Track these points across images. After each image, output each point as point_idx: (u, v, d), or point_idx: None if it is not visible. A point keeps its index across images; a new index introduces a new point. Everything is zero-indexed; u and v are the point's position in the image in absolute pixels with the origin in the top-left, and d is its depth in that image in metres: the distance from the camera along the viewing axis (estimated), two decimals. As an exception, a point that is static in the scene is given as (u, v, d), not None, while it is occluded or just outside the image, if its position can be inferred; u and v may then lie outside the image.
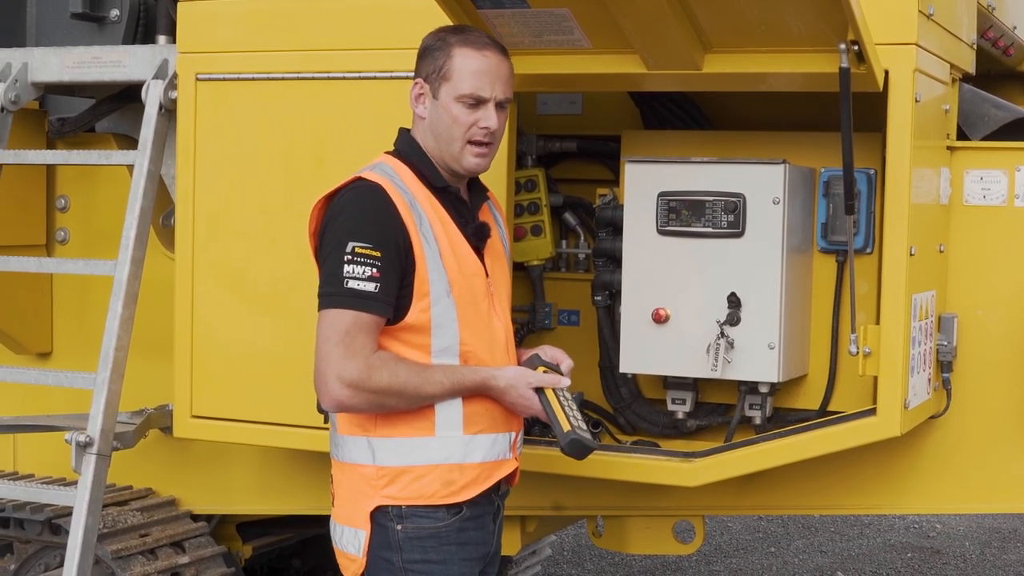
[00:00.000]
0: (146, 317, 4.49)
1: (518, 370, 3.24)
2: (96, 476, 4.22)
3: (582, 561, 7.86)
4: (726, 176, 3.79)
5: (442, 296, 3.16)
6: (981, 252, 3.99)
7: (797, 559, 8.03)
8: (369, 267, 3.07)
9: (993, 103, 4.30)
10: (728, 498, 4.22)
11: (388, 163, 3.26)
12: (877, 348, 3.63)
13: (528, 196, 4.24)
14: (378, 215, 3.12)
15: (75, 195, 5.00)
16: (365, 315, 3.08)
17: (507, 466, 3.31)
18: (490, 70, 3.22)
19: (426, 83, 3.24)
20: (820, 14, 3.19)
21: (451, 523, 3.18)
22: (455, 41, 3.22)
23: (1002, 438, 3.99)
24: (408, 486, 3.16)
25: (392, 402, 3.11)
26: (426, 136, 3.27)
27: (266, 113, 4.22)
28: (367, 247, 3.08)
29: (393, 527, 3.16)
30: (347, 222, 3.12)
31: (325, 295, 3.12)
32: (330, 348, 3.08)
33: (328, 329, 3.09)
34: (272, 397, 4.23)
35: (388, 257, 3.09)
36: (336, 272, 3.09)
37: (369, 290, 3.07)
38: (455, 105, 3.21)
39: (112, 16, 4.81)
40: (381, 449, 3.17)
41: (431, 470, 3.16)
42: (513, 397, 3.21)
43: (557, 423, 3.17)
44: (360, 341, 3.08)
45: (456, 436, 3.19)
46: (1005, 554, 8.22)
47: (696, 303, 3.81)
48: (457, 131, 3.22)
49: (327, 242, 3.14)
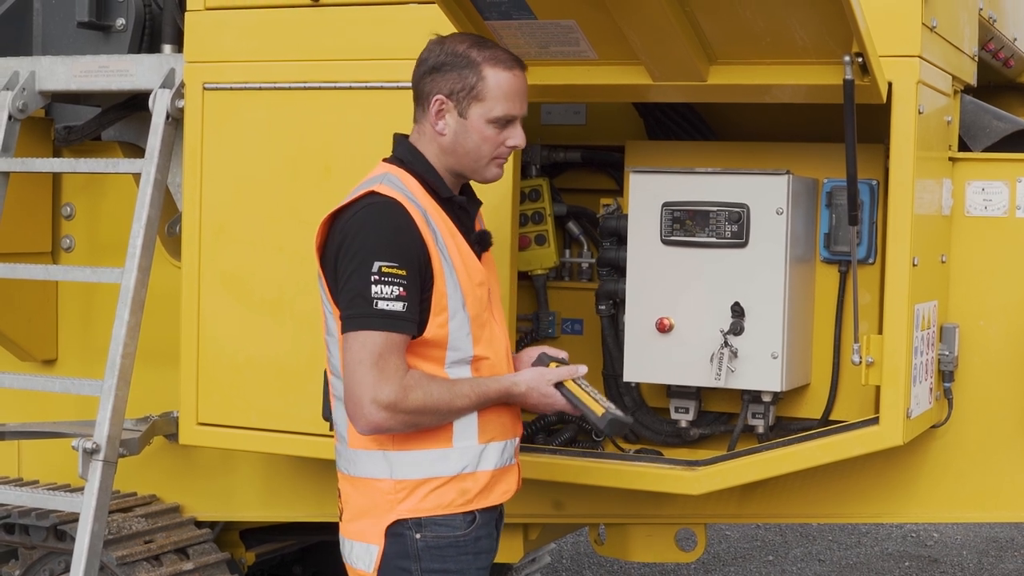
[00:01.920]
0: (152, 325, 4.50)
1: (534, 371, 3.25)
2: (102, 482, 4.24)
3: (581, 569, 7.87)
4: (730, 186, 3.81)
5: (458, 310, 3.15)
6: (983, 263, 4.02)
7: (795, 568, 8.04)
8: (396, 286, 3.04)
9: (994, 115, 4.33)
10: (731, 506, 4.24)
11: (394, 174, 3.21)
12: (879, 358, 3.65)
13: (532, 206, 4.26)
14: (399, 232, 3.08)
15: (81, 203, 5.02)
16: (396, 335, 3.05)
17: (513, 471, 3.32)
18: (521, 89, 3.22)
19: (450, 100, 3.18)
20: (825, 26, 3.22)
21: (468, 532, 3.18)
22: (483, 60, 3.17)
23: (1003, 447, 4.01)
24: (427, 497, 3.14)
25: (427, 420, 3.10)
26: (439, 150, 3.22)
27: (273, 122, 4.24)
28: (393, 266, 3.04)
29: (411, 535, 3.14)
30: (369, 240, 3.07)
31: (355, 317, 3.06)
32: (364, 372, 3.04)
33: (360, 352, 3.04)
34: (277, 405, 4.25)
35: (412, 274, 3.06)
36: (364, 293, 3.04)
37: (398, 310, 3.04)
38: (487, 127, 3.18)
39: (118, 25, 4.82)
40: (399, 463, 3.14)
41: (448, 480, 3.16)
42: (535, 398, 3.22)
43: (588, 409, 3.20)
44: (393, 363, 3.04)
45: (472, 445, 3.18)
46: (1002, 563, 8.23)
47: (700, 312, 3.83)
48: (487, 150, 3.21)
49: (348, 260, 3.08)
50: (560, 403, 3.23)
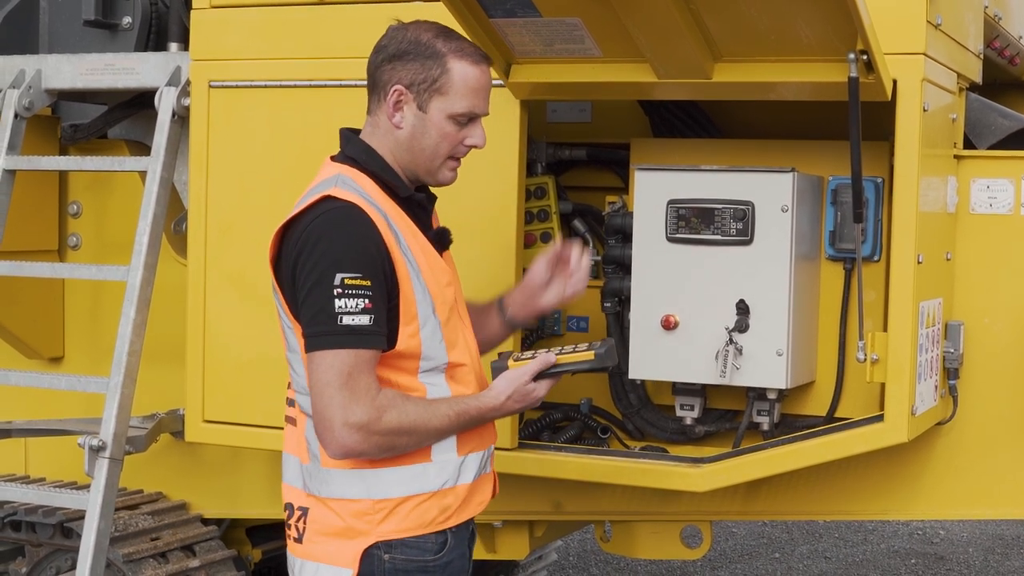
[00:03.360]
0: (158, 322, 4.52)
1: (502, 378, 3.06)
2: (109, 480, 4.25)
3: (587, 566, 7.88)
4: (735, 184, 3.81)
5: (429, 317, 2.98)
6: (987, 260, 4.02)
7: (801, 565, 8.05)
8: (361, 299, 2.83)
9: (999, 112, 4.33)
10: (736, 503, 4.25)
11: (347, 174, 3.00)
12: (884, 355, 3.65)
13: (538, 203, 4.27)
14: (361, 240, 2.87)
15: (87, 201, 5.03)
16: (364, 352, 2.85)
17: (489, 480, 3.20)
18: (485, 85, 3.05)
19: (409, 91, 3.00)
20: (830, 24, 3.22)
21: (439, 557, 3.01)
22: (448, 51, 3.00)
23: (1008, 444, 4.01)
24: (408, 516, 2.97)
25: (403, 442, 2.91)
26: (395, 145, 3.04)
27: (279, 120, 4.25)
28: (356, 277, 2.84)
29: (380, 556, 2.96)
30: (329, 250, 2.86)
31: (319, 335, 2.86)
32: (332, 393, 2.84)
33: (327, 373, 2.84)
34: (283, 402, 4.24)
35: (377, 284, 2.86)
36: (326, 308, 2.84)
37: (365, 324, 2.84)
38: (447, 122, 3.01)
39: (124, 23, 4.83)
40: (376, 481, 2.96)
41: (430, 496, 2.99)
42: (516, 400, 3.04)
43: (581, 364, 3.09)
44: (364, 382, 2.85)
45: (451, 459, 3.03)
46: (1008, 560, 8.23)
47: (705, 310, 3.83)
48: (444, 147, 3.03)
49: (307, 274, 2.87)
50: (543, 392, 3.07)
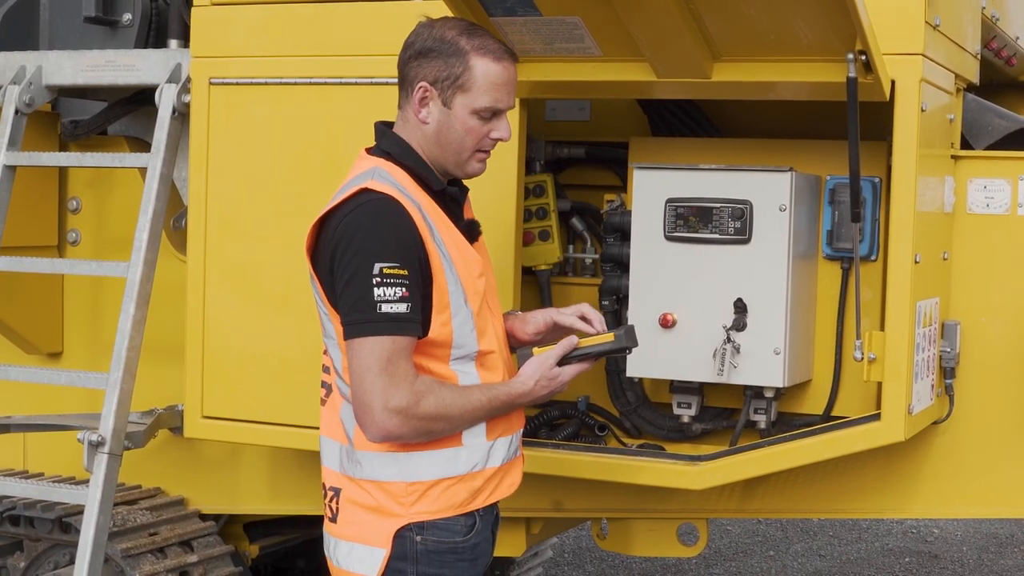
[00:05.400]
0: (157, 318, 4.52)
1: (529, 364, 3.17)
2: (108, 475, 4.26)
3: (583, 563, 7.89)
4: (733, 183, 3.83)
5: (461, 307, 3.08)
6: (984, 260, 4.03)
7: (796, 563, 8.06)
8: (399, 287, 2.95)
9: (997, 113, 4.34)
10: (732, 501, 4.26)
11: (383, 167, 3.11)
12: (881, 354, 3.66)
13: (536, 201, 4.28)
14: (398, 230, 2.98)
15: (87, 197, 5.04)
16: (402, 338, 2.96)
17: (518, 463, 3.30)
18: (508, 80, 3.12)
19: (434, 88, 3.09)
20: (829, 24, 3.23)
21: (468, 539, 3.13)
22: (471, 48, 3.07)
23: (1004, 443, 4.03)
24: (439, 498, 3.08)
25: (439, 427, 3.03)
26: (423, 139, 3.13)
27: (279, 117, 4.26)
28: (394, 266, 2.95)
29: (412, 537, 3.08)
30: (367, 241, 2.97)
31: (358, 322, 2.98)
32: (372, 378, 2.95)
33: (368, 358, 2.96)
34: (282, 398, 4.27)
35: (413, 274, 2.97)
36: (365, 297, 2.95)
37: (402, 311, 2.95)
38: (471, 118, 3.09)
39: (124, 20, 4.84)
40: (411, 464, 3.07)
41: (460, 479, 3.10)
42: (543, 385, 3.14)
43: (605, 347, 3.19)
44: (402, 367, 2.97)
45: (481, 443, 3.13)
46: (1002, 559, 8.25)
47: (703, 308, 3.85)
48: (470, 142, 3.11)
49: (346, 264, 2.98)
50: (568, 377, 3.17)
